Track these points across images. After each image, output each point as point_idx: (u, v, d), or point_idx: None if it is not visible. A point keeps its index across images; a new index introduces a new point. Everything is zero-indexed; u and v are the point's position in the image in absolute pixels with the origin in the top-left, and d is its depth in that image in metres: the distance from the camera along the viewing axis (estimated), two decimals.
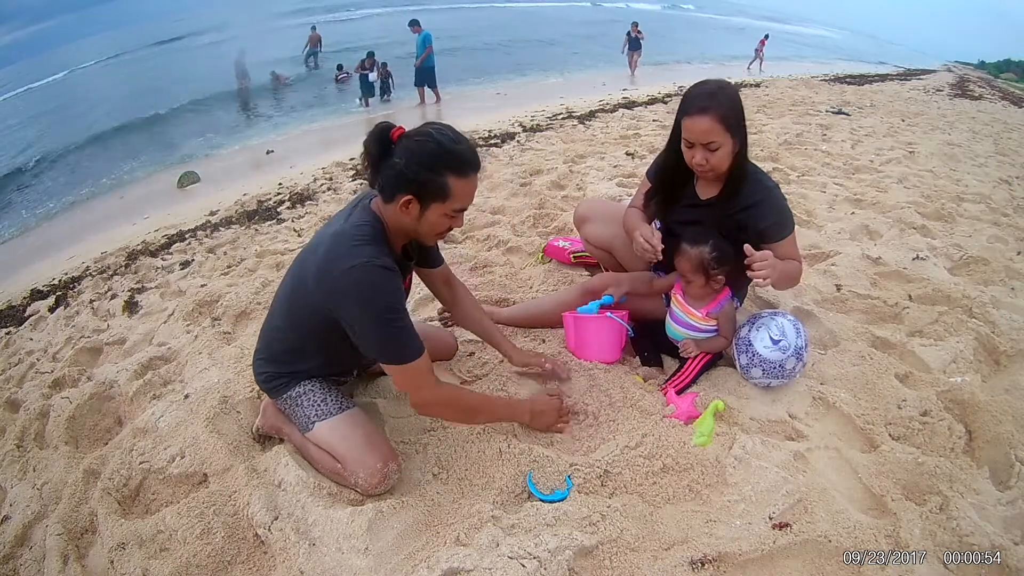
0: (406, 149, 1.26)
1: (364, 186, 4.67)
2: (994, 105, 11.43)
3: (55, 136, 11.45)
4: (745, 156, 1.65)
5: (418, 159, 1.25)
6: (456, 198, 1.29)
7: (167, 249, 4.19)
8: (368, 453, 1.40)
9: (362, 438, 1.43)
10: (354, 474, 1.39)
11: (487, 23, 24.67)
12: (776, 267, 1.52)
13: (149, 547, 1.39)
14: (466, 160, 1.29)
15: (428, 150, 1.26)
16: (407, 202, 1.27)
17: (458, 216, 1.34)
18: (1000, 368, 1.90)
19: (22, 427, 1.99)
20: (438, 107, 10.18)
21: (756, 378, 1.71)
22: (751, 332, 1.72)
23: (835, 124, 6.51)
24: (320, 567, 1.25)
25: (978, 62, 42.31)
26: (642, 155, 4.75)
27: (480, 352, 1.96)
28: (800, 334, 1.68)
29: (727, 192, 1.69)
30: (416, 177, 1.25)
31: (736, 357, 1.76)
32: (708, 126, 1.53)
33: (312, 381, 1.50)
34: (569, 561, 1.18)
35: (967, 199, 3.77)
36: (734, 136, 1.57)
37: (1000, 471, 1.46)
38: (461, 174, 1.28)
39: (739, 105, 1.58)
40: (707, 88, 1.57)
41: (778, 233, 1.67)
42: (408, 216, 1.30)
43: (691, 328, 1.77)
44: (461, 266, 2.60)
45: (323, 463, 1.46)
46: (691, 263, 1.66)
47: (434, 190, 1.27)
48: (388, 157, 1.28)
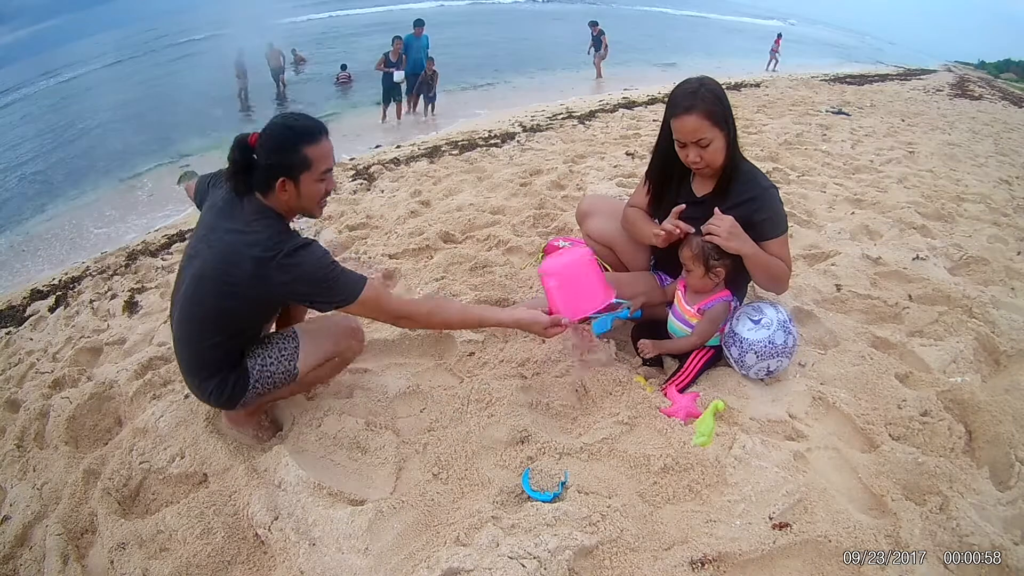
0: (262, 146, 1.42)
1: (364, 185, 4.67)
2: (994, 105, 11.43)
3: (55, 135, 11.45)
4: (736, 148, 1.68)
5: (275, 146, 1.42)
6: (317, 162, 1.44)
7: (167, 249, 4.19)
8: (343, 328, 1.65)
9: (328, 328, 1.65)
10: (349, 347, 1.66)
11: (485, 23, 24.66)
12: (736, 234, 1.60)
13: (149, 547, 1.39)
14: (311, 130, 1.44)
15: (278, 135, 1.42)
16: (283, 184, 1.42)
17: (327, 177, 1.48)
18: (1000, 368, 1.90)
19: (22, 427, 1.99)
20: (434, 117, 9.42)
21: (753, 366, 1.71)
22: (734, 324, 1.75)
23: (835, 124, 6.51)
24: (320, 567, 1.25)
25: (978, 62, 42.27)
26: (642, 155, 4.75)
27: (480, 352, 1.96)
28: (779, 310, 1.71)
29: (720, 187, 1.73)
30: (281, 161, 1.41)
31: (729, 357, 1.76)
32: (696, 124, 1.58)
33: (253, 354, 1.55)
34: (569, 561, 1.18)
35: (967, 199, 3.78)
36: (723, 129, 1.61)
37: (1000, 471, 1.46)
38: (312, 141, 1.43)
39: (723, 99, 1.62)
40: (689, 87, 1.62)
41: (769, 231, 1.69)
42: (288, 195, 1.44)
43: (686, 324, 1.79)
44: (461, 266, 2.60)
45: (324, 373, 1.68)
46: (692, 251, 1.69)
47: (299, 164, 1.42)
48: (251, 161, 1.43)
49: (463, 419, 1.64)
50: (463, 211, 3.44)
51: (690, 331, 1.78)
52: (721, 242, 1.62)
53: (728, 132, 1.63)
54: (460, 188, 4.05)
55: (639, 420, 1.59)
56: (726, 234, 1.61)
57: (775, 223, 1.69)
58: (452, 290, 2.33)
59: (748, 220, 1.66)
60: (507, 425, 1.58)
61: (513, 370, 1.82)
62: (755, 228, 1.67)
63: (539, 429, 1.58)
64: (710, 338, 1.78)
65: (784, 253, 1.72)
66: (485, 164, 4.81)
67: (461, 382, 1.85)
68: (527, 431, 1.57)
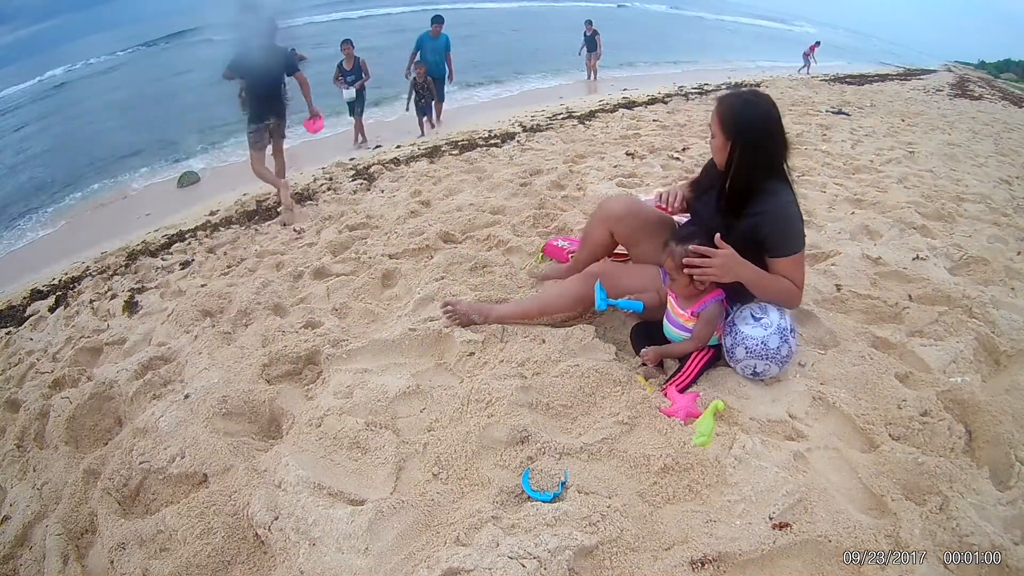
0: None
1: (364, 185, 4.67)
2: (994, 105, 11.44)
3: (55, 135, 11.45)
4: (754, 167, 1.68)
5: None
6: None
7: (167, 249, 4.20)
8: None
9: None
10: None
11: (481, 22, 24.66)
12: (731, 266, 1.61)
13: (149, 547, 1.39)
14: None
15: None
16: None
17: None
18: (1000, 368, 1.90)
19: (22, 427, 1.99)
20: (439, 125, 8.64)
21: (741, 360, 1.71)
22: (735, 316, 1.75)
23: (835, 124, 6.51)
24: (320, 567, 1.25)
25: (978, 62, 42.31)
26: (642, 155, 4.75)
27: (480, 352, 1.96)
28: (784, 316, 1.70)
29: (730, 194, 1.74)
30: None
31: (724, 344, 1.77)
32: (713, 114, 1.73)
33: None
34: (569, 561, 1.18)
35: (967, 199, 3.77)
36: (727, 136, 1.68)
37: (1000, 471, 1.46)
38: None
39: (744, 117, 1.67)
40: (739, 91, 1.77)
41: (777, 248, 1.69)
42: None
43: (682, 328, 1.78)
44: (461, 266, 2.61)
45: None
46: (674, 260, 1.69)
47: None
48: None
49: (463, 419, 1.64)
50: (463, 211, 3.44)
51: (687, 335, 1.78)
52: (716, 279, 1.65)
53: (733, 143, 1.67)
54: (460, 188, 4.05)
55: (639, 420, 1.59)
56: (721, 272, 1.63)
57: (785, 241, 1.69)
58: (452, 290, 2.33)
59: (756, 234, 1.68)
60: (507, 425, 1.58)
61: (513, 370, 1.82)
62: (764, 243, 1.69)
63: (539, 429, 1.58)
64: (708, 340, 1.78)
65: (794, 272, 1.71)
66: (485, 164, 4.81)
67: (461, 382, 1.84)
68: (527, 431, 1.56)
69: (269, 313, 2.46)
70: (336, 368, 1.96)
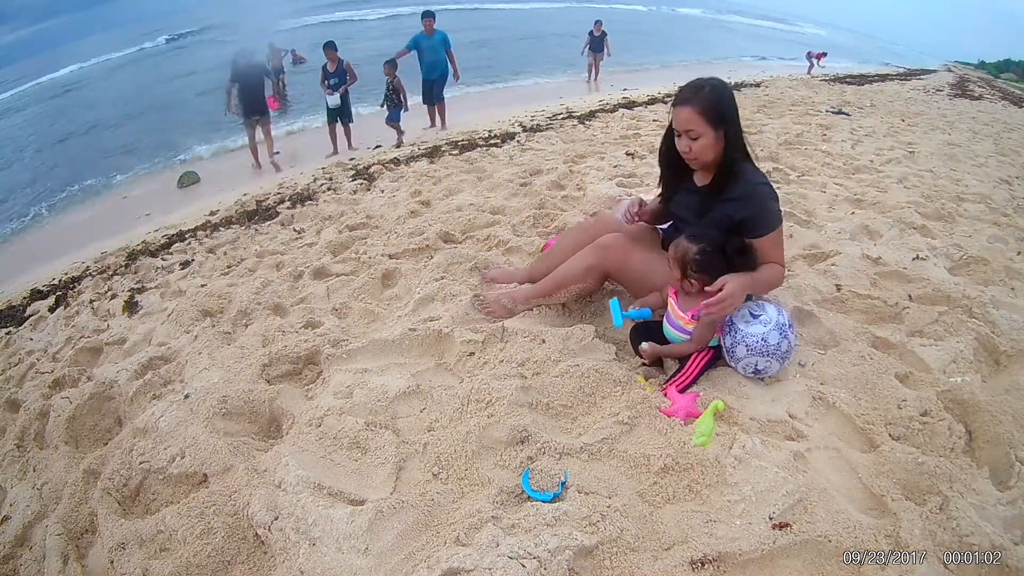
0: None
1: (364, 185, 4.67)
2: (994, 105, 11.44)
3: (55, 135, 11.45)
4: (735, 151, 1.74)
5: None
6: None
7: (167, 249, 4.20)
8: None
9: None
10: None
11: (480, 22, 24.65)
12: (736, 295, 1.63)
13: (149, 547, 1.39)
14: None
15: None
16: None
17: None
18: (1000, 368, 1.90)
19: (22, 427, 1.99)
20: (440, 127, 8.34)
21: (742, 359, 1.71)
22: (733, 315, 1.76)
23: (835, 124, 6.51)
24: (320, 567, 1.25)
25: (978, 62, 42.32)
26: (642, 155, 4.75)
27: (480, 352, 1.96)
28: (781, 313, 1.72)
29: (715, 182, 1.80)
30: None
31: (724, 344, 1.77)
32: (688, 116, 1.69)
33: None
34: (569, 561, 1.18)
35: (967, 199, 3.77)
36: (716, 129, 1.69)
37: (1000, 471, 1.46)
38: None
39: (724, 102, 1.69)
40: (695, 83, 1.72)
41: (756, 228, 1.74)
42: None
43: (681, 331, 1.79)
44: (461, 266, 2.60)
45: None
46: (676, 254, 1.72)
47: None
48: None
49: (463, 419, 1.64)
50: (463, 211, 3.44)
51: (687, 337, 1.78)
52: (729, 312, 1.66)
53: (722, 133, 1.70)
54: (460, 188, 4.05)
55: (639, 420, 1.59)
56: (738, 299, 1.64)
57: (763, 220, 1.74)
58: (452, 290, 2.33)
59: (735, 217, 1.74)
60: (507, 425, 1.58)
61: (513, 370, 1.82)
62: (743, 225, 1.74)
63: (539, 429, 1.58)
64: (708, 342, 1.78)
65: (773, 253, 1.77)
66: (485, 164, 4.81)
67: (461, 382, 1.84)
68: (527, 431, 1.56)
69: (269, 313, 2.46)
70: (336, 368, 1.96)
